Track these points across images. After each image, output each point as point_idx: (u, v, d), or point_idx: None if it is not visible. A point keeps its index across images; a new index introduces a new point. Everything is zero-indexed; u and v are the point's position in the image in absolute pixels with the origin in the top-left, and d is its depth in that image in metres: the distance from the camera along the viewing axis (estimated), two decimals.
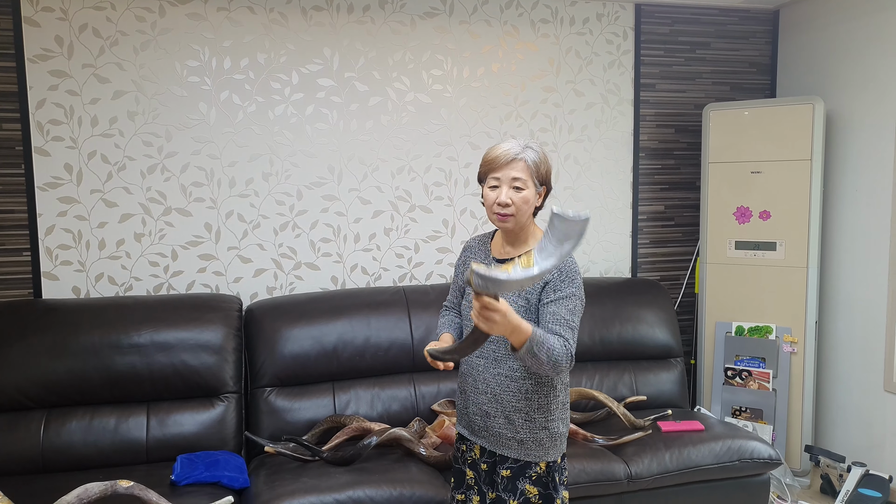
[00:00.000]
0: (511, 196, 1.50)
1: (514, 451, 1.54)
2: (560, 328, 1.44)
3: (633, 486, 2.18)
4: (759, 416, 2.83)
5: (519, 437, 1.53)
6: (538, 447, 1.53)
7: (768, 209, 2.82)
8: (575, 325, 1.47)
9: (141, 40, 2.43)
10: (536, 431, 1.53)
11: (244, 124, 2.56)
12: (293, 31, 2.58)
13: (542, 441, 1.54)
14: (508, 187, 1.50)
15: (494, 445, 1.56)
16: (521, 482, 1.53)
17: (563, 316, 1.45)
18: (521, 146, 1.52)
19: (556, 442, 1.56)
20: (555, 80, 2.91)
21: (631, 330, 2.72)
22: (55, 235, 2.41)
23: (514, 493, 1.53)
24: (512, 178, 1.50)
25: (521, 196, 1.50)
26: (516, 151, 1.51)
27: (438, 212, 2.82)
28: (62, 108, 2.38)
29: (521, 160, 1.50)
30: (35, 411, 2.13)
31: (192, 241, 2.55)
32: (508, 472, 1.54)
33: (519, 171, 1.50)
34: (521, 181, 1.50)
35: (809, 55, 3.01)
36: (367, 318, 2.45)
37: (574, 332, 1.47)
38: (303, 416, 2.32)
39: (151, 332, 2.21)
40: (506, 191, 1.50)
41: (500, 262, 1.58)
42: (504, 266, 1.27)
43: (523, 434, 1.53)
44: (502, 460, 1.56)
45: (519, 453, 1.54)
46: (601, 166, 3.00)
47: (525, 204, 1.51)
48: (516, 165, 1.50)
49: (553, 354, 1.40)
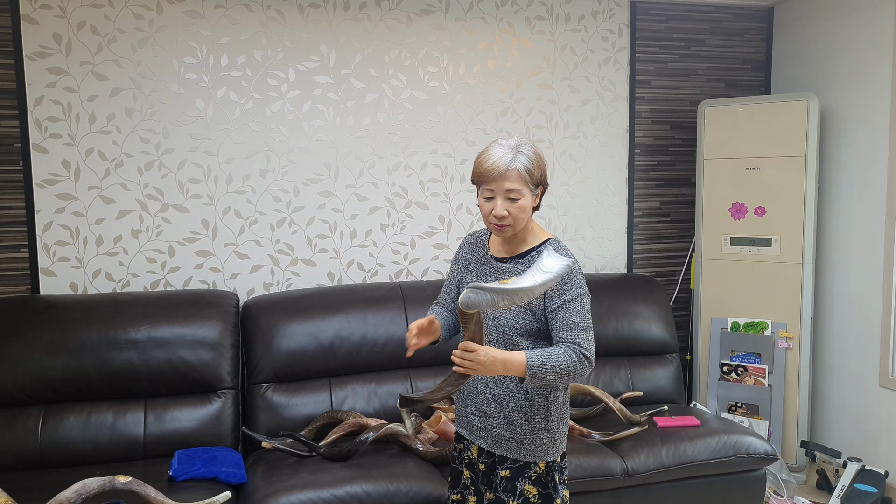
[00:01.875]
0: (507, 208, 1.46)
1: (513, 451, 1.53)
2: (572, 333, 1.44)
3: (630, 482, 2.19)
4: (754, 411, 2.84)
5: (518, 438, 1.52)
6: (537, 447, 1.52)
7: (763, 205, 2.84)
8: (587, 325, 1.47)
9: (138, 37, 2.44)
10: (536, 432, 1.52)
11: (241, 121, 2.57)
12: (290, 29, 2.59)
13: (542, 441, 1.53)
14: (503, 199, 1.46)
15: (493, 446, 1.55)
16: (521, 482, 1.52)
17: (572, 320, 1.45)
18: (511, 154, 1.45)
19: (556, 442, 1.55)
20: (550, 77, 2.92)
21: (627, 326, 2.73)
22: (53, 232, 2.42)
23: (513, 494, 1.52)
24: (506, 190, 1.45)
25: (517, 206, 1.46)
26: (507, 162, 1.44)
27: (434, 208, 2.82)
28: (60, 104, 2.39)
29: (514, 170, 1.44)
30: (33, 407, 2.14)
31: (189, 237, 2.55)
32: (507, 472, 1.53)
33: (512, 181, 1.44)
34: (515, 191, 1.45)
35: (804, 52, 3.03)
36: (364, 314, 2.45)
37: (587, 332, 1.46)
38: (300, 412, 2.33)
39: (149, 329, 2.22)
40: (501, 203, 1.46)
41: (498, 261, 1.57)
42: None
43: (522, 435, 1.51)
44: (501, 460, 1.55)
45: (518, 454, 1.52)
46: (597, 163, 3.02)
47: (522, 213, 1.47)
48: (509, 176, 1.44)
49: (561, 368, 1.40)
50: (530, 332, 1.51)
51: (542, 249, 1.49)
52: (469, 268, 1.64)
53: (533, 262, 1.52)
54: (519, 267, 1.54)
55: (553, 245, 1.54)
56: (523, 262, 1.54)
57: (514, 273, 1.54)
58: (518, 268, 1.54)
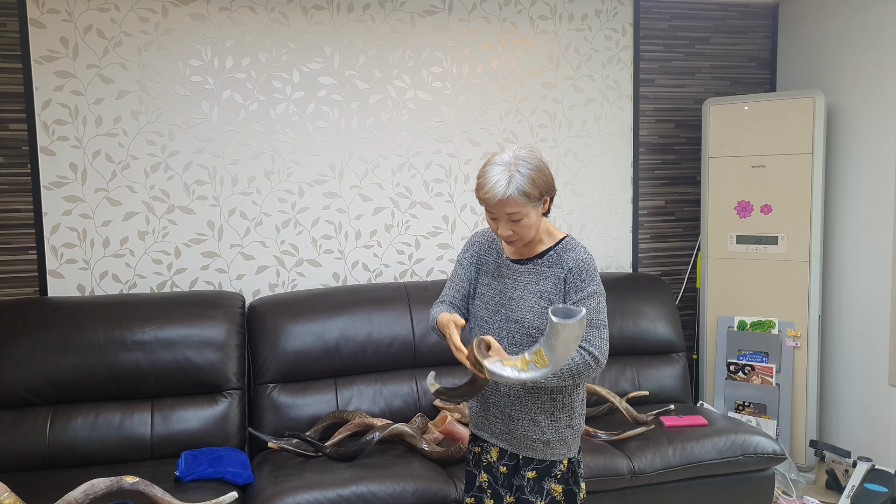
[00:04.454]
0: (511, 227, 1.45)
1: (539, 451, 1.52)
2: (587, 331, 1.46)
3: (636, 482, 2.18)
4: (762, 411, 2.82)
5: (545, 438, 1.52)
6: (563, 445, 1.53)
7: (769, 203, 2.82)
8: (600, 323, 1.48)
9: (144, 41, 2.46)
10: (561, 430, 1.52)
11: (246, 123, 2.58)
12: (294, 30, 2.60)
13: (567, 439, 1.53)
14: (505, 221, 1.45)
15: (519, 448, 1.54)
16: (547, 482, 1.52)
17: (588, 317, 1.46)
18: (507, 176, 1.40)
19: (578, 437, 1.56)
20: (554, 77, 2.92)
21: (632, 325, 2.72)
22: (60, 234, 2.44)
23: (540, 494, 1.51)
24: (507, 214, 1.43)
25: (520, 225, 1.45)
26: (502, 189, 1.40)
27: (439, 208, 2.83)
28: (67, 108, 2.41)
29: (509, 197, 1.40)
30: (41, 408, 2.15)
31: (195, 238, 2.57)
32: (534, 472, 1.53)
33: (511, 206, 1.41)
34: (515, 213, 1.43)
35: (809, 49, 3.01)
36: (369, 314, 2.46)
37: (600, 330, 1.47)
38: (305, 412, 2.33)
39: (155, 329, 2.23)
40: (504, 225, 1.45)
41: (514, 263, 1.56)
42: (515, 361, 1.32)
43: (549, 434, 1.51)
44: (526, 462, 1.54)
45: (545, 454, 1.52)
46: (601, 162, 3.01)
47: (527, 228, 1.46)
48: (507, 202, 1.41)
49: (573, 370, 1.43)
50: None
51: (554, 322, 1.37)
52: (484, 269, 1.61)
53: (552, 262, 1.52)
54: (538, 268, 1.53)
55: (568, 243, 1.54)
56: (541, 263, 1.53)
57: (532, 274, 1.53)
58: (537, 268, 1.53)
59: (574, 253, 1.51)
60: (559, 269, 1.50)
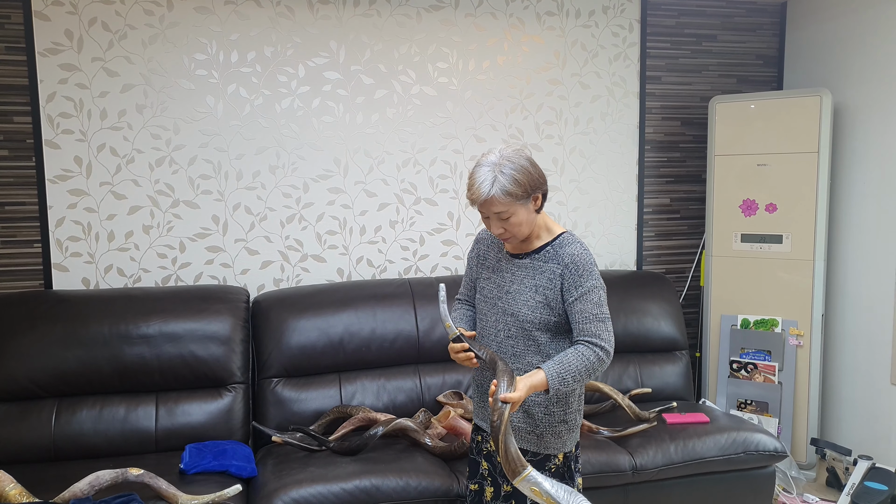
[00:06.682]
0: (501, 226, 1.50)
1: (532, 444, 1.55)
2: (592, 325, 1.47)
3: (638, 478, 2.19)
4: (764, 409, 2.83)
5: (538, 431, 1.54)
6: (556, 440, 1.54)
7: (775, 202, 2.81)
8: (605, 316, 1.49)
9: (149, 34, 2.45)
10: (555, 424, 1.54)
11: (251, 117, 2.57)
12: (299, 25, 2.59)
13: (561, 433, 1.55)
14: (496, 219, 1.50)
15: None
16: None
17: (591, 311, 1.48)
18: (491, 177, 1.44)
19: (573, 433, 1.58)
20: (560, 73, 2.91)
21: (636, 322, 2.72)
22: (65, 227, 2.44)
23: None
24: (495, 213, 1.48)
25: (510, 223, 1.49)
26: (486, 190, 1.44)
27: (444, 204, 2.82)
28: (72, 101, 2.40)
29: (492, 197, 1.44)
30: (46, 400, 2.16)
31: (200, 233, 2.57)
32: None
33: (497, 206, 1.46)
34: (503, 212, 1.47)
35: (817, 47, 2.99)
36: (373, 309, 2.46)
37: (606, 323, 1.49)
38: (309, 407, 2.34)
39: (160, 323, 2.23)
40: (494, 223, 1.51)
41: (514, 257, 1.59)
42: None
43: (542, 427, 1.54)
44: (522, 454, 1.55)
45: (538, 447, 1.54)
46: (607, 159, 3.00)
47: (518, 226, 1.50)
48: (491, 202, 1.46)
49: (580, 372, 1.44)
50: (548, 327, 1.53)
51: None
52: (485, 264, 1.66)
53: (549, 257, 1.54)
54: (534, 263, 1.55)
55: (565, 238, 1.56)
56: (538, 258, 1.56)
57: (528, 269, 1.55)
58: (534, 263, 1.55)
59: (570, 248, 1.52)
60: (555, 264, 1.52)
